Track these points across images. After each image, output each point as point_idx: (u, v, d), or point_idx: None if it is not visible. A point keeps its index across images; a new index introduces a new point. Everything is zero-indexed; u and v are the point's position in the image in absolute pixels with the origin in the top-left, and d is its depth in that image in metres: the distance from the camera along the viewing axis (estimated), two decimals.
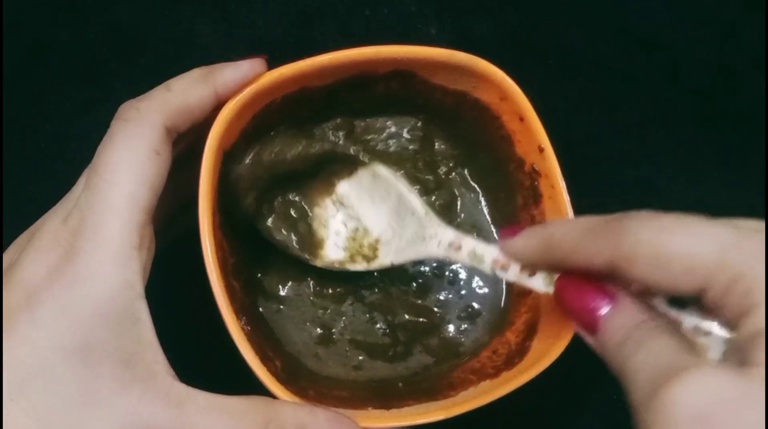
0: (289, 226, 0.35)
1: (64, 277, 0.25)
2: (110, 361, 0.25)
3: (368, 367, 0.35)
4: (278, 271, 0.36)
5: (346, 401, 0.32)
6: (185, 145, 0.31)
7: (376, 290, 0.37)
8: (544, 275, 0.29)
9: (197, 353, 0.32)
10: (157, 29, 0.44)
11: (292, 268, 0.36)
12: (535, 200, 0.36)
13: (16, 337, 0.25)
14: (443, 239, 0.33)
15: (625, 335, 0.24)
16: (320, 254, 0.35)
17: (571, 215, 0.34)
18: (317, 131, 0.36)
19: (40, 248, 0.26)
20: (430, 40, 0.45)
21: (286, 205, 0.36)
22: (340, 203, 0.36)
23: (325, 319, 0.36)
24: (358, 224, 0.36)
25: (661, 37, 0.46)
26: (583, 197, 0.34)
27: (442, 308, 0.37)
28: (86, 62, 0.43)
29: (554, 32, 0.46)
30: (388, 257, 0.35)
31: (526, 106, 0.34)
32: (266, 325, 0.35)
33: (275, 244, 0.35)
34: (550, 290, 0.29)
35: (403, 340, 0.36)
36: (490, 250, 0.31)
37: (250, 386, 0.28)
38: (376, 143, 0.38)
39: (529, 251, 0.29)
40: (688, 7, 0.47)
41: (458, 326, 0.37)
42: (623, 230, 0.24)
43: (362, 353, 0.35)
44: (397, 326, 0.36)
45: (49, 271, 0.25)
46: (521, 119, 0.35)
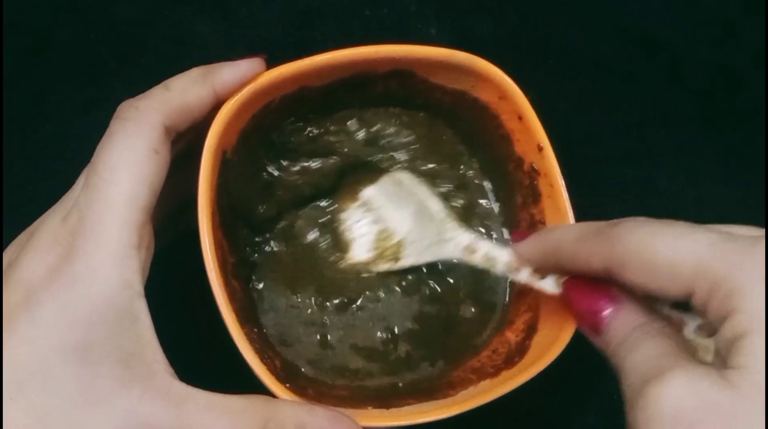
0: (318, 229, 0.37)
1: (63, 276, 0.25)
2: (110, 360, 0.25)
3: (367, 371, 0.35)
4: (278, 271, 0.36)
5: (345, 400, 0.32)
6: (184, 144, 0.31)
7: (377, 298, 0.37)
8: (554, 277, 0.30)
9: (197, 353, 0.32)
10: (157, 29, 0.44)
11: (292, 272, 0.36)
12: (534, 199, 0.36)
13: (15, 336, 0.25)
14: (460, 242, 0.34)
15: (624, 336, 0.25)
16: (348, 256, 0.37)
17: (570, 215, 0.34)
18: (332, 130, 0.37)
19: (39, 247, 0.26)
20: (430, 40, 0.45)
21: (314, 210, 0.37)
22: (366, 208, 0.38)
23: (324, 322, 0.36)
24: (383, 227, 0.37)
25: (661, 37, 0.46)
26: (582, 197, 0.34)
27: (440, 315, 0.37)
28: (86, 62, 0.43)
29: (554, 32, 0.46)
30: (411, 258, 0.36)
31: (524, 105, 0.34)
32: (266, 324, 0.35)
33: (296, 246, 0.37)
34: (559, 292, 0.30)
35: (403, 348, 0.36)
36: (503, 253, 0.32)
37: (249, 385, 0.28)
38: (391, 140, 0.38)
39: (535, 255, 0.30)
40: (688, 7, 0.47)
41: (457, 330, 0.37)
42: (615, 236, 0.25)
43: (361, 359, 0.35)
44: (397, 335, 0.36)
45: (48, 270, 0.25)
46: (520, 118, 0.35)
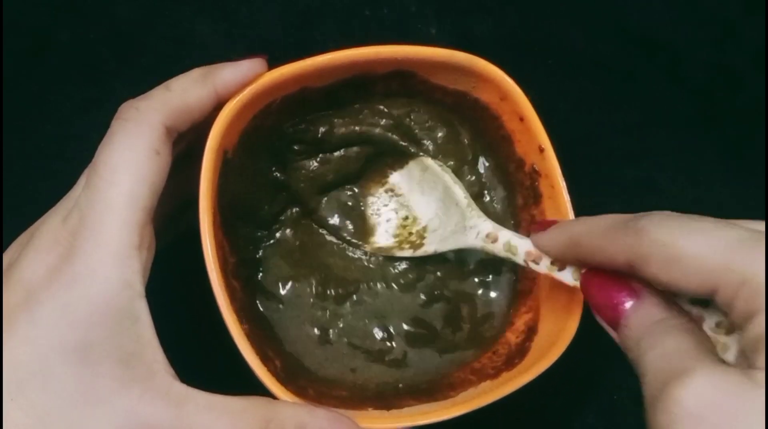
0: (342, 213, 0.38)
1: (63, 276, 0.25)
2: (110, 360, 0.25)
3: (365, 370, 0.35)
4: (278, 271, 0.36)
5: (345, 401, 0.32)
6: (185, 145, 0.31)
7: (376, 296, 0.37)
8: (573, 269, 0.30)
9: (197, 353, 0.32)
10: (157, 29, 0.44)
11: (292, 268, 0.36)
12: (535, 200, 0.36)
13: (15, 336, 0.25)
14: (482, 231, 0.34)
15: (644, 331, 0.25)
16: (371, 241, 0.38)
17: (571, 215, 0.34)
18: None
19: (39, 248, 0.26)
20: (430, 40, 0.45)
21: (339, 193, 0.38)
22: (392, 192, 0.38)
23: (323, 320, 0.36)
24: (408, 213, 0.38)
25: (661, 37, 0.46)
26: (583, 197, 0.34)
27: (440, 315, 0.37)
28: (86, 62, 0.43)
29: (554, 32, 0.46)
30: (432, 245, 0.36)
31: (526, 106, 0.34)
32: (266, 324, 0.35)
33: (327, 229, 0.38)
34: (578, 284, 0.29)
35: (400, 347, 0.36)
36: (523, 243, 0.32)
37: (250, 386, 0.28)
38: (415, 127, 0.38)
39: (556, 246, 0.29)
40: (688, 7, 0.47)
41: (456, 332, 0.37)
42: (640, 230, 0.24)
43: (360, 356, 0.35)
44: (394, 334, 0.36)
45: (48, 270, 0.25)
46: (521, 119, 0.35)
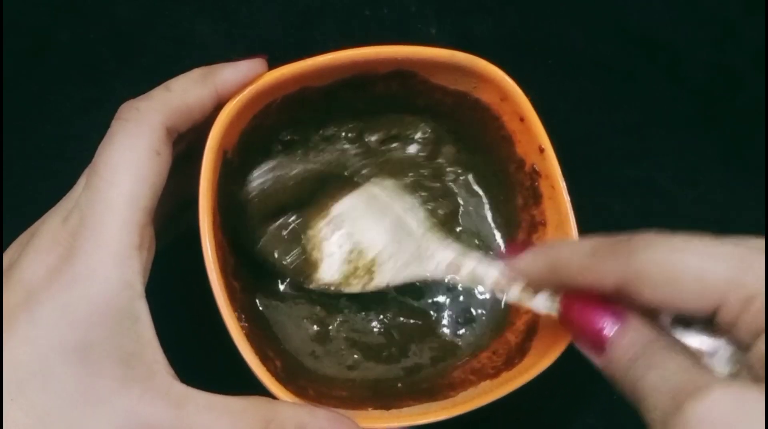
0: (282, 249, 0.35)
1: (63, 276, 0.25)
2: (110, 360, 0.25)
3: (363, 366, 0.35)
4: (278, 269, 0.36)
5: (345, 401, 0.32)
6: (185, 145, 0.31)
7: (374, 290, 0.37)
8: (546, 296, 0.29)
9: (197, 353, 0.32)
10: (157, 29, 0.44)
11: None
12: (535, 201, 0.36)
13: (15, 336, 0.25)
14: (442, 260, 0.32)
15: (635, 354, 0.24)
16: (315, 277, 0.35)
17: (571, 216, 0.34)
18: (323, 135, 0.36)
19: (39, 248, 0.26)
20: (430, 40, 0.45)
21: (279, 228, 0.35)
22: (335, 225, 0.35)
23: (321, 315, 0.36)
24: (354, 246, 0.35)
25: (661, 37, 0.46)
26: (583, 197, 0.34)
27: (438, 312, 0.37)
28: (86, 62, 0.43)
29: (554, 32, 0.46)
30: (385, 278, 0.34)
31: (526, 106, 0.34)
32: (266, 324, 0.35)
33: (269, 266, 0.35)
34: (551, 312, 0.29)
35: (398, 340, 0.36)
36: (490, 270, 0.31)
37: (250, 386, 0.28)
38: (386, 148, 0.38)
39: (534, 270, 0.29)
40: (688, 7, 0.47)
41: (455, 330, 0.37)
42: (632, 251, 0.24)
43: (357, 352, 0.35)
44: (392, 327, 0.36)
45: (48, 270, 0.25)
46: (521, 119, 0.35)
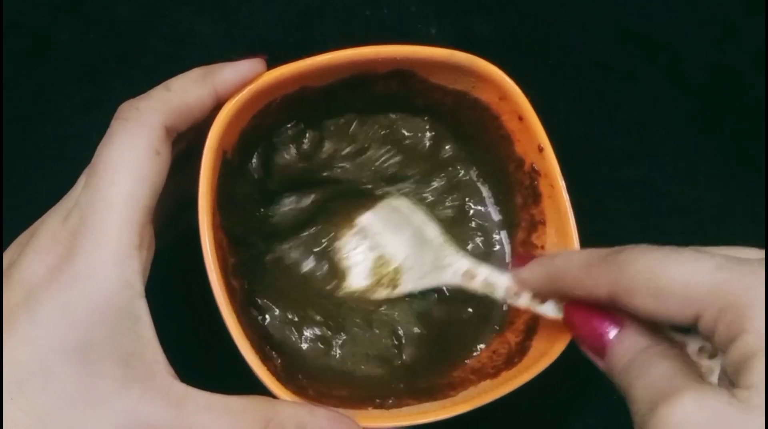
0: (313, 259, 0.37)
1: (63, 276, 0.25)
2: (110, 360, 0.25)
3: (364, 367, 0.35)
4: (279, 270, 0.36)
5: (346, 401, 0.32)
6: (185, 144, 0.31)
7: (377, 309, 0.37)
8: (554, 302, 0.30)
9: (197, 353, 0.32)
10: (157, 29, 0.44)
11: (292, 269, 0.36)
12: (534, 200, 0.36)
13: (15, 336, 0.25)
14: (458, 268, 0.34)
15: (631, 359, 0.25)
16: (344, 285, 0.37)
17: (570, 216, 0.34)
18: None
19: (39, 248, 0.26)
20: (430, 40, 0.45)
21: (309, 238, 0.37)
22: (361, 235, 0.37)
23: (325, 319, 0.36)
24: (380, 254, 0.37)
25: (661, 37, 0.46)
26: (582, 197, 0.34)
27: (440, 315, 0.37)
28: (86, 62, 0.43)
29: (554, 32, 0.46)
30: (409, 285, 0.36)
31: (525, 105, 0.34)
32: (266, 324, 0.35)
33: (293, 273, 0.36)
34: (560, 317, 0.30)
35: (402, 346, 0.36)
36: (502, 279, 0.32)
37: (250, 386, 0.28)
38: (388, 146, 0.38)
39: (536, 281, 0.30)
40: (688, 7, 0.47)
41: (457, 330, 0.37)
42: (622, 264, 0.25)
43: (360, 356, 0.35)
44: (397, 334, 0.36)
45: (48, 270, 0.25)
46: (520, 119, 0.35)
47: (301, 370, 0.34)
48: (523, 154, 0.36)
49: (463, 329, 0.37)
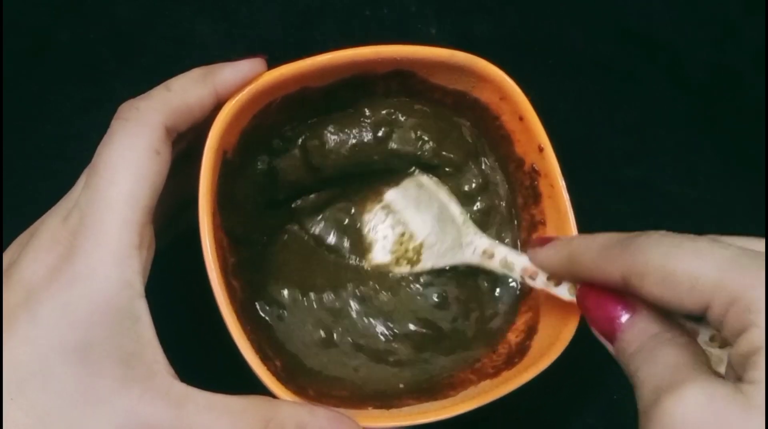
0: (338, 231, 0.38)
1: (63, 276, 0.25)
2: (110, 360, 0.25)
3: (365, 367, 0.35)
4: (279, 270, 0.36)
5: (346, 401, 0.32)
6: (185, 144, 0.31)
7: (381, 294, 0.37)
8: (569, 285, 0.30)
9: (197, 353, 0.32)
10: (157, 29, 0.44)
11: (294, 269, 0.36)
12: (534, 200, 0.36)
13: (15, 336, 0.25)
14: (478, 247, 0.34)
15: (640, 344, 0.25)
16: (368, 257, 0.37)
17: (571, 215, 0.34)
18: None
19: (39, 248, 0.26)
20: (430, 40, 0.45)
21: (336, 212, 0.38)
22: (388, 209, 0.38)
23: (327, 320, 0.36)
24: (404, 229, 0.37)
25: (661, 37, 0.47)
26: (582, 197, 0.34)
27: (445, 320, 0.37)
28: (86, 62, 0.43)
29: (554, 32, 0.46)
30: (429, 261, 0.36)
31: (525, 105, 0.34)
32: (266, 323, 0.35)
33: (324, 248, 0.37)
34: (573, 299, 0.30)
35: (404, 348, 0.36)
36: (520, 259, 0.32)
37: (250, 386, 0.28)
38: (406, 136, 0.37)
39: (553, 263, 0.30)
40: (688, 7, 0.47)
41: (458, 332, 0.37)
42: (636, 249, 0.25)
43: (360, 355, 0.35)
44: (398, 334, 0.36)
45: (48, 270, 0.25)
46: (521, 119, 0.35)
47: (301, 369, 0.34)
48: (523, 154, 0.36)
49: (467, 326, 0.37)
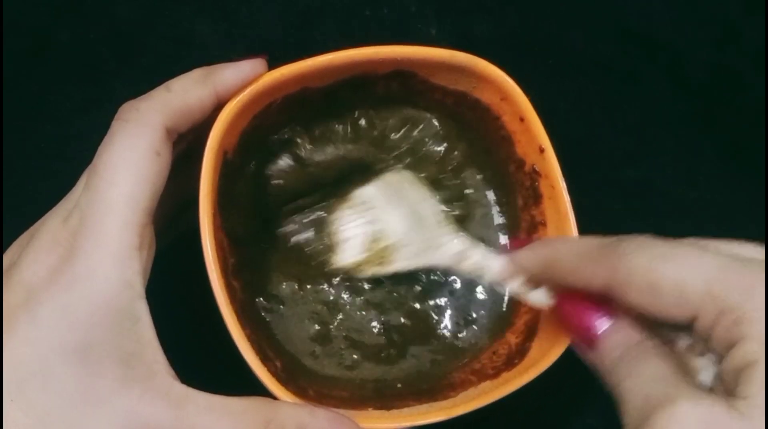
0: (306, 230, 0.36)
1: (63, 277, 0.25)
2: (110, 360, 0.25)
3: (363, 367, 0.35)
4: (279, 270, 0.36)
5: (346, 402, 0.32)
6: (185, 145, 0.31)
7: (375, 289, 0.37)
8: (544, 291, 0.30)
9: (197, 353, 0.32)
10: (157, 29, 0.44)
11: (293, 267, 0.36)
12: (535, 201, 0.36)
13: (16, 337, 0.25)
14: (450, 249, 0.34)
15: (621, 354, 0.25)
16: (334, 259, 0.36)
17: (571, 216, 0.34)
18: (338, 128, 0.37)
19: (40, 248, 0.26)
20: (430, 40, 0.45)
21: (303, 209, 0.37)
22: (358, 209, 0.37)
23: (322, 314, 0.36)
24: (374, 229, 0.36)
25: (661, 37, 0.46)
26: (583, 197, 0.34)
27: (439, 314, 0.37)
28: (86, 62, 0.43)
29: (554, 32, 0.46)
30: (399, 263, 0.35)
31: (526, 106, 0.34)
32: (266, 324, 0.35)
33: (291, 247, 0.36)
34: (548, 305, 0.29)
35: (397, 342, 0.36)
36: (494, 262, 0.32)
37: (250, 386, 0.28)
38: (400, 142, 0.38)
39: (532, 265, 0.29)
40: (688, 7, 0.47)
41: (456, 331, 0.37)
42: (620, 256, 0.24)
43: (357, 352, 0.35)
44: (392, 328, 0.36)
45: (48, 271, 0.25)
46: (522, 120, 0.35)
47: (301, 370, 0.34)
48: (523, 155, 0.36)
49: (460, 335, 0.37)
